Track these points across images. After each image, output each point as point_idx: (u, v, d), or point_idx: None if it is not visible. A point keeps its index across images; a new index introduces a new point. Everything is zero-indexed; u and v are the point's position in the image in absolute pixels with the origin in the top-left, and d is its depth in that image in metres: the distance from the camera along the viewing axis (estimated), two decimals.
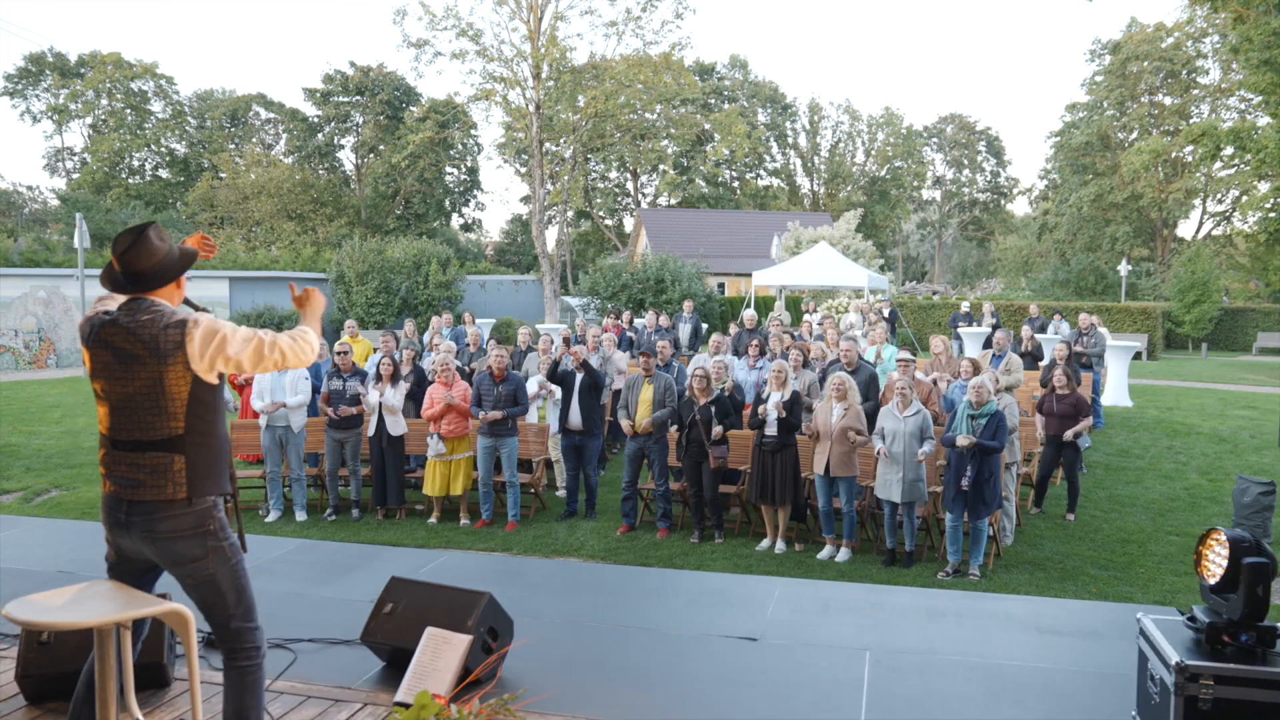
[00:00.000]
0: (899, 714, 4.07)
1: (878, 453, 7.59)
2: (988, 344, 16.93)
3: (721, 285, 38.85)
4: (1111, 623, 5.77)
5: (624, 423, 8.84)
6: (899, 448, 7.57)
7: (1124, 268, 33.96)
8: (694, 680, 4.40)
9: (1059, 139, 42.80)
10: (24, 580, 5.45)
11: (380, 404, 9.14)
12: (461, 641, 3.56)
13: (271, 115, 53.37)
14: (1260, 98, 37.15)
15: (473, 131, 40.03)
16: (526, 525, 9.00)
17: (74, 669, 3.56)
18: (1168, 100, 39.90)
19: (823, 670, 4.54)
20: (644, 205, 59.83)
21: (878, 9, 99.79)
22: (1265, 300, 36.38)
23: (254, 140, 53.50)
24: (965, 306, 19.87)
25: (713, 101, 59.16)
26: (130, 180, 50.44)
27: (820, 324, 13.93)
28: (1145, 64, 38.40)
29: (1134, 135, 41.19)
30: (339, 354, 9.50)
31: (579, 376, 9.18)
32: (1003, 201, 73.42)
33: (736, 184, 65.93)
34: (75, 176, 51.59)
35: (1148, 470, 11.25)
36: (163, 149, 51.96)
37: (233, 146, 51.57)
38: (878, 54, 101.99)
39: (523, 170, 55.44)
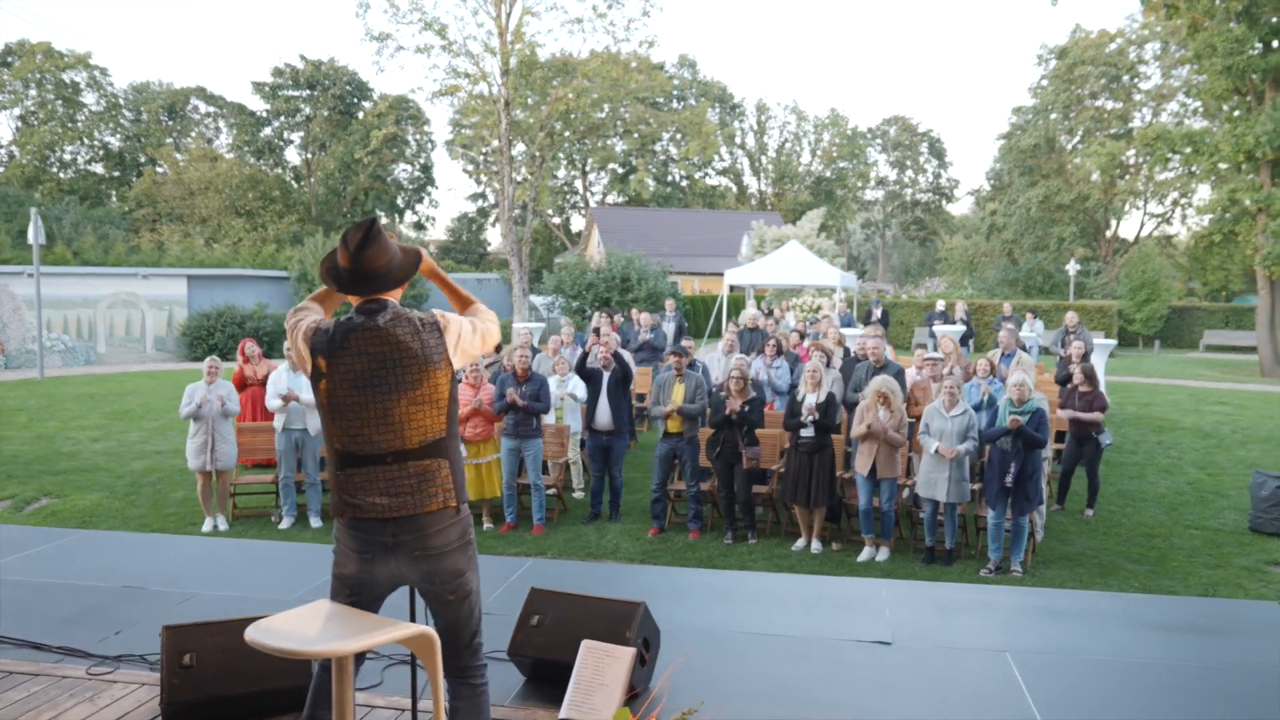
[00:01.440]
0: (1071, 716, 4.00)
1: (934, 451, 7.60)
2: (964, 341, 17.27)
3: (674, 283, 38.91)
4: (1210, 616, 5.77)
5: (657, 410, 8.74)
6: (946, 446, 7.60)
7: (1072, 267, 34.83)
8: (843, 687, 4.25)
9: (1007, 141, 43.75)
10: (95, 597, 5.08)
11: None
12: (626, 655, 3.42)
13: (212, 109, 51.92)
14: (1199, 103, 38.54)
15: (426, 128, 39.42)
16: (553, 529, 8.83)
17: (218, 694, 3.33)
18: (1110, 104, 41.03)
19: (973, 674, 4.40)
20: (593, 204, 59.68)
21: (823, 11, 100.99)
22: (1203, 300, 37.69)
23: (193, 134, 51.96)
24: (940, 305, 20.17)
25: (660, 101, 59.24)
26: (61, 175, 48.52)
27: (816, 322, 13.96)
28: (1091, 69, 39.44)
29: (1077, 139, 42.31)
30: None
31: (606, 374, 9.03)
32: (944, 202, 74.87)
33: (685, 183, 66.08)
34: (1, 170, 49.45)
35: (1146, 465, 11.51)
36: (96, 142, 50.12)
37: (170, 141, 49.98)
38: (824, 55, 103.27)
39: (471, 168, 55.12)
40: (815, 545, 8.23)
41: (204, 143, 49.29)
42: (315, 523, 8.90)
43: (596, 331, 9.90)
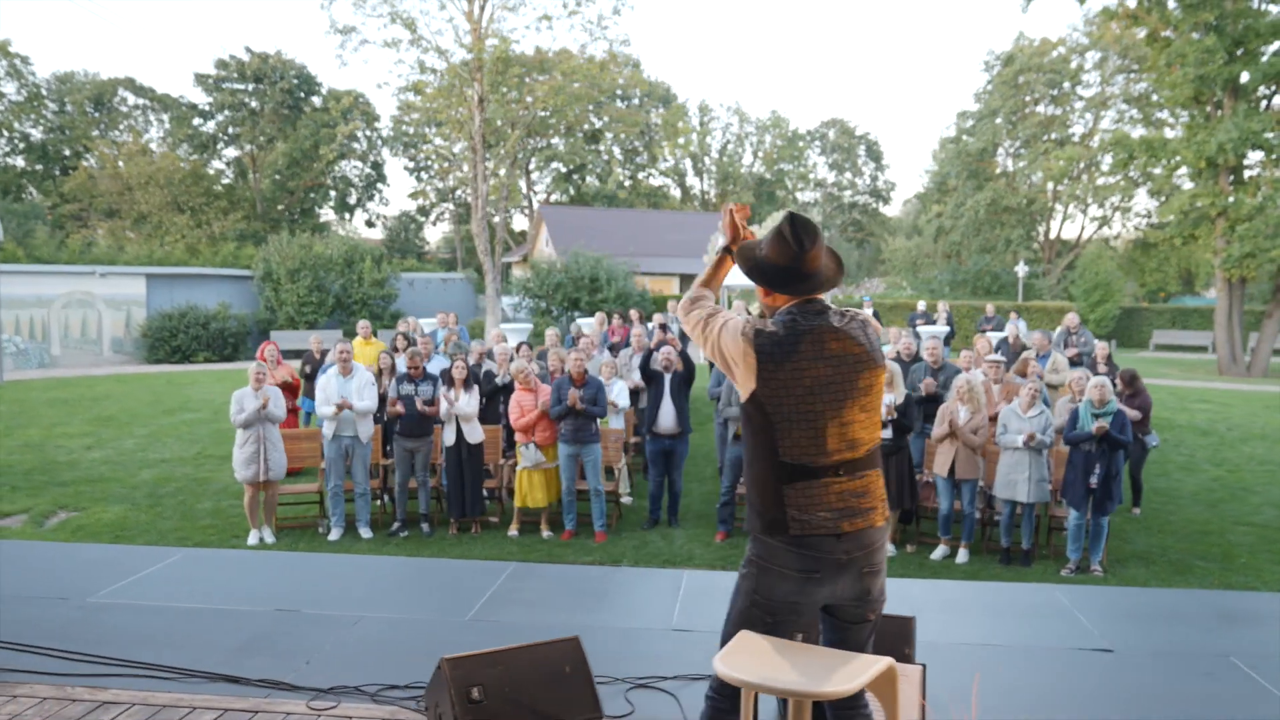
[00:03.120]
0: None
1: (1023, 443, 7.63)
2: (946, 341, 17.55)
3: (644, 287, 38.79)
4: None
5: (731, 414, 8.58)
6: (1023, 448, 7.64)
7: (1021, 268, 35.72)
8: (1098, 699, 4.13)
9: (954, 144, 44.70)
10: (252, 622, 4.69)
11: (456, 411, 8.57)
12: (914, 673, 3.28)
13: (142, 101, 49.92)
14: (1136, 110, 39.95)
15: (377, 124, 38.50)
16: (616, 536, 8.61)
17: None
18: (1052, 110, 42.23)
19: (1222, 681, 4.35)
20: (536, 203, 59.10)
21: (764, 13, 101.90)
22: (1143, 301, 39.06)
23: (122, 126, 49.91)
24: (922, 305, 20.42)
25: (603, 100, 59.02)
26: None
27: None
28: (1035, 75, 40.56)
29: (1018, 144, 43.46)
30: (410, 356, 8.87)
31: (668, 376, 8.85)
32: (880, 204, 76.23)
33: (629, 182, 65.98)
34: None
35: (1166, 463, 11.77)
36: (16, 134, 47.75)
37: (97, 133, 47.88)
38: (764, 58, 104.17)
39: (411, 165, 54.09)
40: (890, 548, 8.18)
41: (134, 136, 47.35)
42: (365, 533, 8.53)
43: (664, 328, 9.66)
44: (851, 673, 2.29)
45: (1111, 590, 6.65)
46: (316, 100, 40.77)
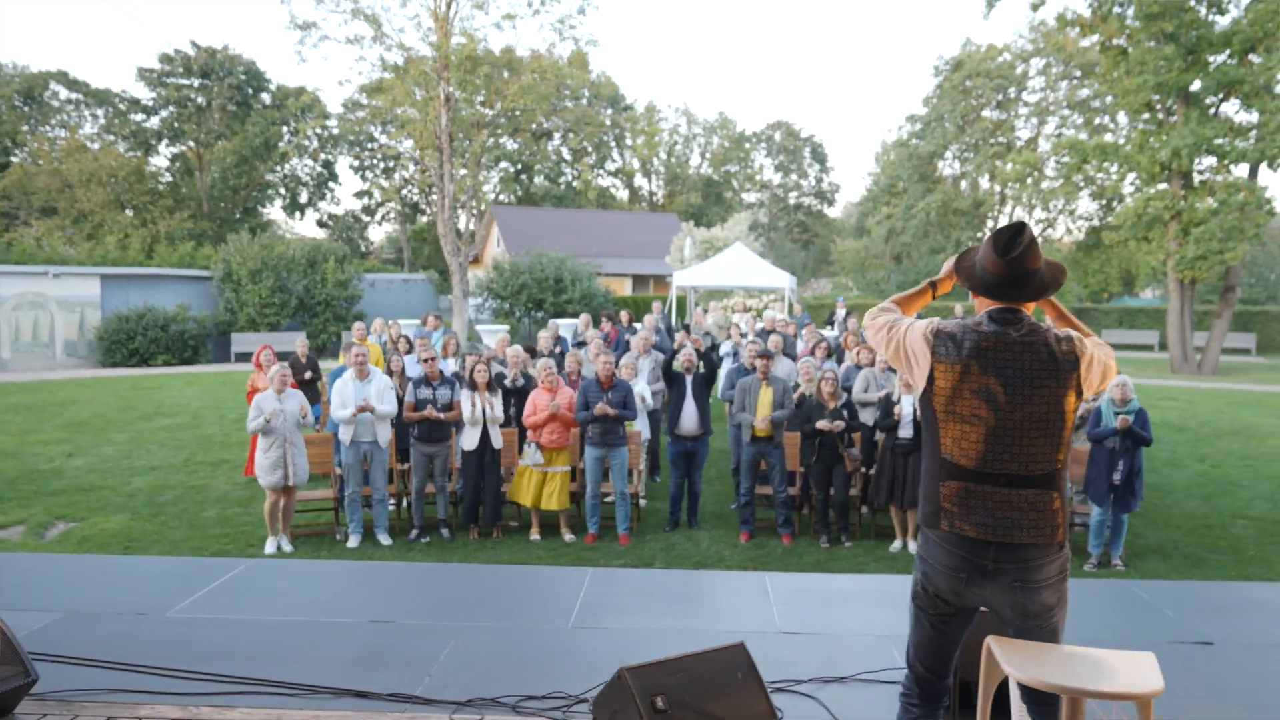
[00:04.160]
0: None
1: None
2: None
3: (608, 289, 38.74)
4: None
5: (745, 419, 8.61)
6: None
7: None
8: (1217, 691, 4.24)
9: (904, 148, 45.50)
10: (354, 634, 4.55)
11: (485, 414, 8.45)
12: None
13: (75, 95, 48.21)
14: (1080, 117, 41.13)
15: (328, 122, 37.72)
16: (639, 538, 8.58)
17: None
18: (999, 115, 43.26)
19: None
20: (483, 203, 58.59)
21: (713, 15, 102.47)
22: (1086, 301, 40.20)
23: (53, 122, 48.16)
24: None
25: (569, 103, 58.76)
26: None
27: (805, 330, 14.03)
28: (983, 80, 41.50)
29: (964, 148, 44.43)
30: (426, 360, 8.73)
31: (689, 377, 8.84)
32: (825, 206, 77.19)
33: (576, 182, 65.78)
34: None
35: (1151, 459, 12.08)
36: None
37: (26, 128, 46.10)
38: (712, 59, 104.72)
39: (356, 163, 53.20)
40: (912, 545, 8.30)
41: (70, 132, 45.69)
42: (384, 540, 8.37)
43: (686, 329, 9.63)
44: (1137, 674, 2.32)
45: (1178, 585, 6.76)
46: (266, 97, 39.80)
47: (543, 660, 4.22)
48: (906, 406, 8.22)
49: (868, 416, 9.05)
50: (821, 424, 8.33)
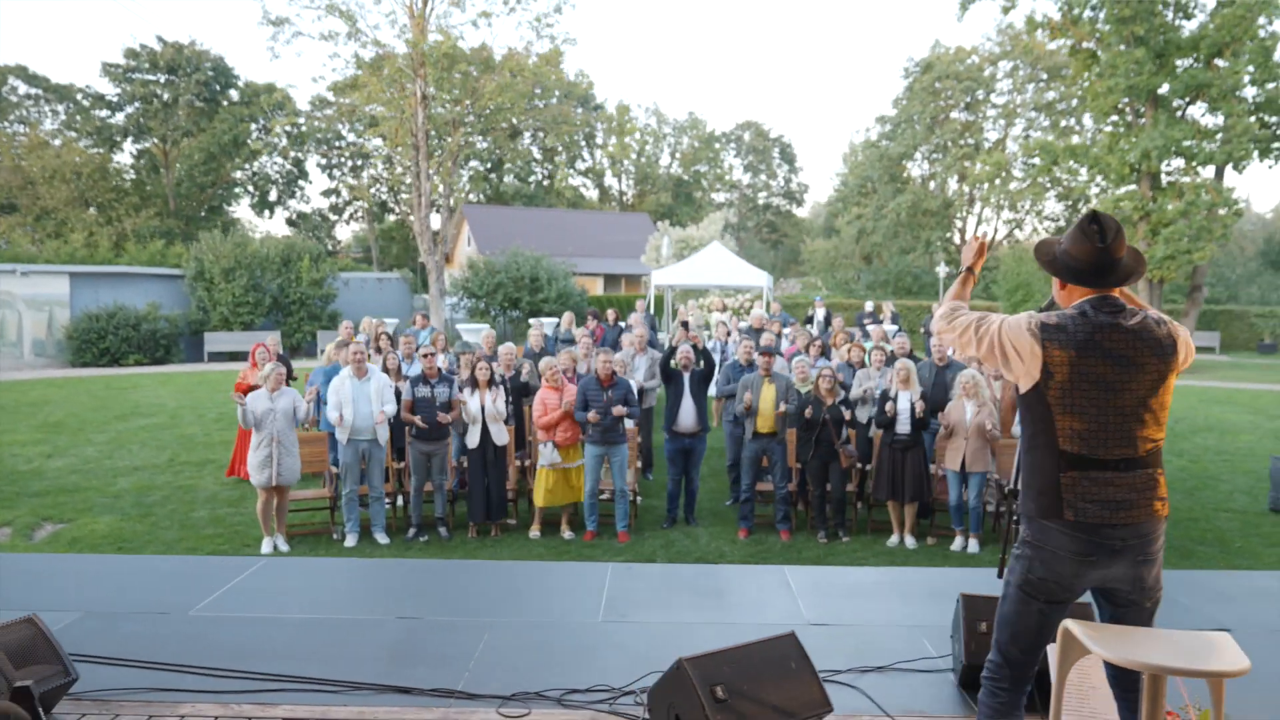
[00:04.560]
0: None
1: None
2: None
3: (584, 289, 38.70)
4: None
5: (744, 412, 8.65)
6: None
7: (942, 269, 36.94)
8: (1254, 675, 4.27)
9: (874, 148, 45.93)
10: (386, 630, 4.53)
11: (484, 412, 8.43)
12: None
13: (35, 91, 47.27)
14: (1045, 117, 41.76)
15: (298, 120, 37.28)
16: (638, 535, 8.60)
17: None
18: (967, 117, 43.84)
19: None
20: (453, 201, 58.22)
21: (682, 15, 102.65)
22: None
23: (11, 117, 47.18)
24: (869, 306, 20.92)
25: (545, 102, 58.57)
26: None
27: (790, 329, 14.12)
28: (952, 82, 42.02)
29: (932, 149, 44.95)
30: (425, 356, 8.68)
31: (687, 375, 8.87)
32: (793, 206, 77.66)
33: (547, 182, 65.60)
34: None
35: None
36: None
37: None
38: (682, 59, 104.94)
39: (322, 162, 52.63)
40: (909, 540, 8.40)
41: (31, 128, 44.79)
42: (381, 539, 8.31)
43: (685, 325, 9.65)
44: (1226, 655, 2.38)
45: (1185, 574, 6.89)
46: (234, 94, 39.26)
47: (578, 653, 4.23)
48: (904, 404, 8.32)
49: (863, 414, 9.15)
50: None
